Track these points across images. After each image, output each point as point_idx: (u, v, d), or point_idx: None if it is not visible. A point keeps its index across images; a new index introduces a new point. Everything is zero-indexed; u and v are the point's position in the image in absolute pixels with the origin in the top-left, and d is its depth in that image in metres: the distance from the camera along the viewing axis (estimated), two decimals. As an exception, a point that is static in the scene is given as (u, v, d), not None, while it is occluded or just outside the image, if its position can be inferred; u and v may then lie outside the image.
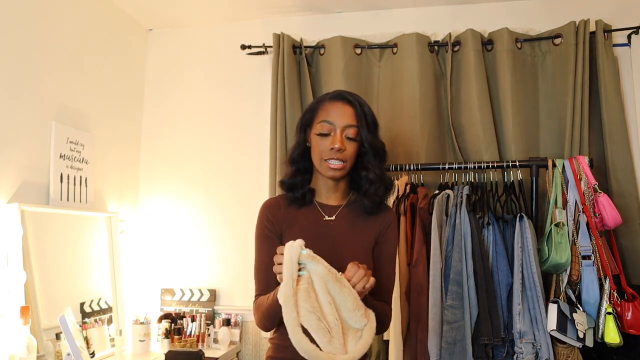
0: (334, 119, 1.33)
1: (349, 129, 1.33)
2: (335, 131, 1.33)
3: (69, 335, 1.73)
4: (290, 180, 1.41)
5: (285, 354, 1.34)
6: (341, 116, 1.34)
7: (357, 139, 1.35)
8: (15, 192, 1.93)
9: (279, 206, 1.43)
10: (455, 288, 1.92)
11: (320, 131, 1.34)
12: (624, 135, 2.25)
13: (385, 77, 2.56)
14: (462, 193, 2.06)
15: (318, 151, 1.34)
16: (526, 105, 2.40)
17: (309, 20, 2.72)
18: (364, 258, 1.39)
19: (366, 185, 1.38)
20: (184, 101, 2.83)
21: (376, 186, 1.37)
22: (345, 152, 1.32)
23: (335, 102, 1.36)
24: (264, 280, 1.37)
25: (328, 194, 1.42)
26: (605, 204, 1.97)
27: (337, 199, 1.43)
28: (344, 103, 1.36)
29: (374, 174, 1.36)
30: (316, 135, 1.35)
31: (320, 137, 1.34)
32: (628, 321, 1.88)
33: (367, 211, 1.40)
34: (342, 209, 1.42)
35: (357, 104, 1.36)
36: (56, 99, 2.18)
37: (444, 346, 1.88)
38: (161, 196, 2.80)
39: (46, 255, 2.02)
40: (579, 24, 2.31)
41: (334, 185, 1.41)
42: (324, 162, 1.33)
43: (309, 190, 1.41)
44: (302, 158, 1.41)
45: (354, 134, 1.34)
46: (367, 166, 1.37)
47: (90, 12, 2.41)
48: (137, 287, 2.63)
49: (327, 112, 1.35)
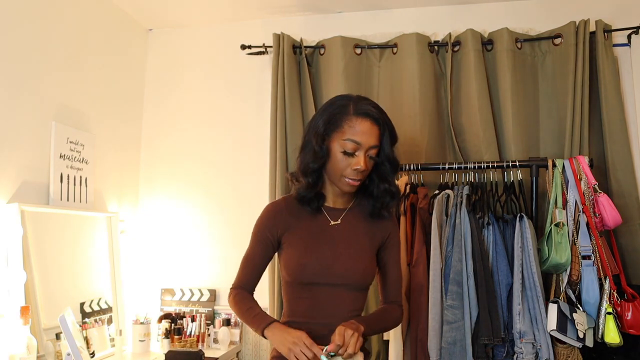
0: (360, 139, 1.32)
1: (372, 150, 1.35)
2: (360, 152, 1.33)
3: (69, 335, 1.73)
4: (306, 194, 1.41)
5: None
6: (368, 137, 1.33)
7: (378, 158, 1.38)
8: (15, 192, 1.93)
9: (281, 211, 1.45)
10: (455, 288, 1.91)
11: (345, 149, 1.33)
12: (624, 135, 2.25)
13: (385, 77, 2.56)
14: (462, 193, 2.06)
15: (339, 167, 1.34)
16: (526, 105, 2.40)
17: (309, 20, 2.72)
18: (368, 261, 1.43)
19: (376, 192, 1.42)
20: (184, 101, 2.83)
21: (386, 195, 1.42)
22: (365, 171, 1.36)
23: (363, 120, 1.34)
24: (247, 273, 1.49)
25: (335, 199, 1.46)
26: (605, 204, 1.97)
27: (344, 202, 1.46)
28: (372, 123, 1.34)
29: (387, 184, 1.41)
30: (340, 152, 1.34)
31: (344, 154, 1.33)
32: (628, 321, 1.88)
33: (372, 215, 1.45)
34: (347, 212, 1.45)
35: (383, 123, 1.37)
36: (56, 99, 2.18)
37: (444, 346, 1.88)
38: (161, 196, 2.80)
39: (46, 255, 2.02)
40: (579, 24, 2.31)
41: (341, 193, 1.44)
42: (343, 179, 1.35)
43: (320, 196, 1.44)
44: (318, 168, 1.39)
45: (375, 153, 1.36)
46: (386, 178, 1.41)
47: (90, 12, 2.41)
48: (137, 287, 2.63)
49: (354, 131, 1.32)
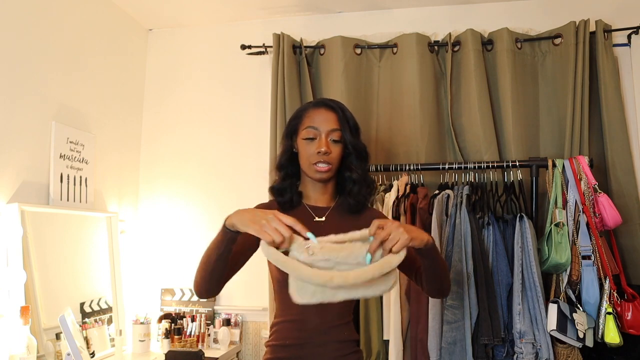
0: (318, 124, 1.40)
1: (333, 133, 1.40)
2: (321, 136, 1.39)
3: (69, 335, 1.73)
4: (279, 185, 1.47)
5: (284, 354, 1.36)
6: (325, 121, 1.41)
7: (341, 141, 1.41)
8: (15, 192, 1.93)
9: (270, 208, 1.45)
10: (455, 288, 1.91)
11: (307, 136, 1.40)
12: (624, 135, 2.25)
13: (385, 77, 2.56)
14: (462, 193, 2.06)
15: (306, 156, 1.40)
16: (526, 105, 2.40)
17: (309, 20, 2.72)
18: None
19: (349, 185, 1.45)
20: (184, 101, 2.83)
21: (359, 186, 1.44)
22: (331, 155, 1.39)
23: (318, 109, 1.44)
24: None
25: (317, 197, 1.47)
26: (605, 204, 1.97)
27: (326, 201, 1.48)
28: (327, 109, 1.43)
29: (357, 174, 1.43)
30: (303, 141, 1.41)
31: (307, 141, 1.40)
32: (628, 321, 1.88)
33: (351, 211, 1.45)
34: (331, 210, 1.46)
35: (339, 109, 1.44)
36: (56, 99, 2.18)
37: (444, 346, 1.88)
38: (161, 196, 2.80)
39: (46, 255, 2.02)
40: (579, 24, 2.31)
41: (322, 188, 1.46)
42: (312, 166, 1.39)
43: (296, 193, 1.46)
44: (289, 164, 1.47)
45: (338, 136, 1.40)
46: (350, 167, 1.44)
47: (90, 12, 2.41)
48: (137, 287, 2.63)
49: (312, 119, 1.42)
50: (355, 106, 2.51)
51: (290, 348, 1.35)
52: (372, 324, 1.97)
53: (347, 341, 1.39)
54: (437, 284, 1.40)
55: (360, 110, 2.53)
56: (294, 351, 1.35)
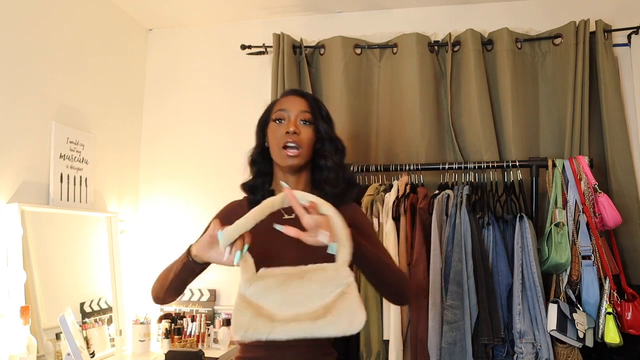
0: (288, 107, 1.36)
1: (303, 114, 1.35)
2: (290, 117, 1.35)
3: (69, 335, 1.73)
4: (251, 182, 1.42)
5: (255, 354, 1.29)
6: (295, 105, 1.37)
7: (312, 122, 1.36)
8: (15, 192, 1.93)
9: (242, 205, 1.42)
10: (455, 288, 1.91)
11: (276, 118, 1.36)
12: (624, 135, 2.25)
13: (385, 77, 2.56)
14: (462, 193, 2.06)
15: (275, 140, 1.35)
16: (526, 105, 2.40)
17: (309, 20, 2.72)
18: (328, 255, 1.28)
19: (325, 173, 1.37)
20: (184, 101, 2.83)
21: (335, 173, 1.36)
22: (300, 135, 1.33)
23: (288, 95, 1.41)
24: None
25: None
26: (605, 204, 1.97)
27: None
28: (297, 96, 1.40)
29: (332, 162, 1.36)
30: (272, 124, 1.37)
31: (276, 124, 1.36)
32: (628, 321, 1.88)
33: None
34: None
35: (311, 97, 1.41)
36: (56, 99, 2.18)
37: (444, 346, 1.88)
38: (161, 196, 2.80)
39: (46, 255, 2.02)
40: (579, 24, 2.31)
41: (295, 182, 1.38)
42: (281, 151, 1.33)
43: (269, 192, 1.40)
44: (262, 159, 1.42)
45: (308, 118, 1.35)
46: (324, 154, 1.37)
47: (90, 12, 2.41)
48: (137, 287, 2.63)
49: (282, 103, 1.39)
50: (355, 106, 2.51)
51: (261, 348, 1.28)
52: (372, 324, 1.97)
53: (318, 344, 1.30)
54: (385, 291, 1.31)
55: (360, 110, 2.53)
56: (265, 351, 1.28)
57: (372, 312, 1.98)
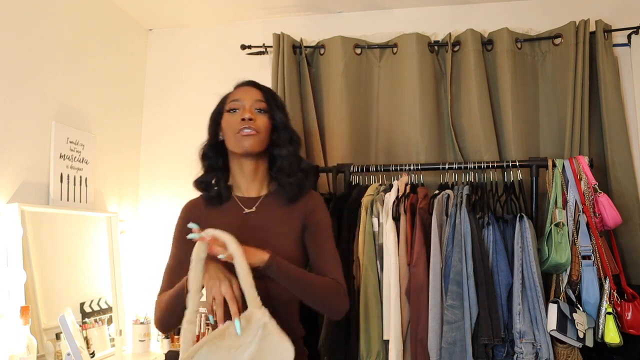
0: (242, 97, 1.35)
1: (258, 103, 1.35)
2: (245, 106, 1.34)
3: (69, 335, 1.73)
4: (203, 179, 1.41)
5: None
6: (249, 95, 1.36)
7: (267, 111, 1.35)
8: (15, 192, 1.93)
9: (199, 207, 1.42)
10: (455, 288, 1.91)
11: (230, 108, 1.35)
12: (624, 135, 2.25)
13: (385, 77, 2.56)
14: (462, 193, 2.06)
15: (230, 128, 1.33)
16: (526, 105, 2.40)
17: (309, 20, 2.72)
18: (291, 247, 1.33)
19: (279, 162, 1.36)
20: (184, 101, 2.83)
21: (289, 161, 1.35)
22: (256, 122, 1.32)
23: (242, 86, 1.40)
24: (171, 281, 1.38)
25: (247, 185, 1.38)
26: (605, 204, 1.96)
27: (257, 189, 1.39)
28: (251, 87, 1.39)
29: (287, 151, 1.35)
30: (226, 114, 1.35)
31: (230, 113, 1.35)
32: (628, 321, 1.88)
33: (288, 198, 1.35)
34: (262, 199, 1.37)
35: (265, 88, 1.40)
36: (56, 99, 2.18)
37: (444, 346, 1.88)
38: (161, 196, 2.80)
39: (46, 255, 2.02)
40: (579, 24, 2.31)
41: (252, 172, 1.37)
42: (236, 136, 1.31)
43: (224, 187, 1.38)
44: (214, 153, 1.41)
45: (263, 107, 1.35)
46: (279, 143, 1.36)
47: (90, 12, 2.41)
48: (137, 287, 2.63)
49: (235, 94, 1.38)
50: (355, 106, 2.51)
51: None
52: (372, 324, 1.97)
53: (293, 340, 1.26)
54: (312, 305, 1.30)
55: (360, 110, 2.53)
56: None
57: (372, 312, 1.98)
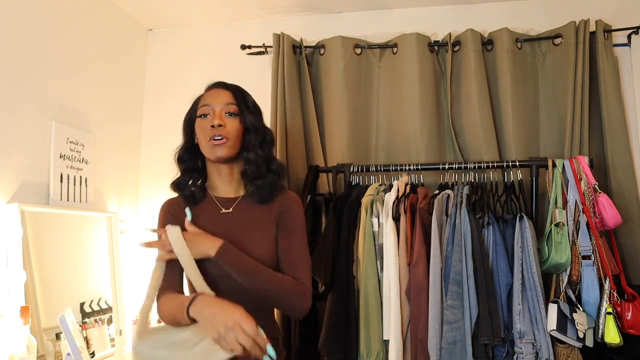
0: (212, 101, 1.36)
1: (228, 106, 1.35)
2: (214, 111, 1.34)
3: (69, 335, 1.73)
4: (178, 180, 1.44)
5: None
6: (219, 98, 1.36)
7: (238, 114, 1.35)
8: (15, 192, 1.93)
9: (177, 203, 1.44)
10: (455, 288, 1.91)
11: (201, 113, 1.35)
12: (624, 135, 2.25)
13: (385, 77, 2.56)
14: (462, 193, 2.06)
15: (202, 135, 1.34)
16: (526, 105, 2.40)
17: (309, 20, 2.72)
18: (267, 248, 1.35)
19: (246, 166, 1.37)
20: (184, 101, 2.80)
21: (257, 166, 1.35)
22: (226, 128, 1.32)
23: (212, 89, 1.40)
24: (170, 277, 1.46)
25: (224, 187, 1.40)
26: (605, 204, 1.97)
27: (234, 190, 1.40)
28: (221, 88, 1.39)
29: (255, 154, 1.35)
30: (198, 120, 1.36)
31: (201, 119, 1.35)
32: (628, 321, 1.88)
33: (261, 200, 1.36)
34: (239, 200, 1.39)
35: (235, 88, 1.40)
36: (56, 99, 2.18)
37: (444, 346, 1.88)
38: (161, 196, 2.77)
39: (46, 255, 2.02)
40: (579, 24, 2.31)
41: (228, 175, 1.39)
42: (208, 144, 1.33)
43: (198, 187, 1.41)
44: (190, 157, 1.43)
45: (234, 110, 1.35)
46: (249, 146, 1.36)
47: (90, 12, 2.41)
48: (137, 287, 2.63)
49: (206, 98, 1.38)
50: (355, 106, 2.51)
51: None
52: (372, 323, 1.97)
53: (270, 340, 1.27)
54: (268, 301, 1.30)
55: (360, 110, 2.53)
56: None
57: (372, 312, 1.98)
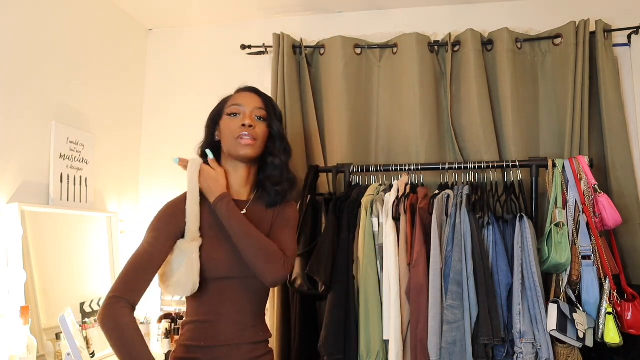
0: (243, 102, 1.38)
1: (258, 110, 1.38)
2: (245, 112, 1.37)
3: (69, 335, 1.73)
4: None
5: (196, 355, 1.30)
6: (251, 101, 1.39)
7: (267, 120, 1.38)
8: (15, 192, 1.93)
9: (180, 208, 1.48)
10: (455, 288, 1.91)
11: (231, 112, 1.38)
12: (624, 135, 2.25)
13: (385, 77, 2.55)
14: (462, 193, 2.06)
15: (229, 132, 1.36)
16: (526, 105, 2.40)
17: (309, 20, 2.72)
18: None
19: (270, 171, 1.40)
20: (184, 101, 2.83)
21: (281, 172, 1.39)
22: (255, 129, 1.35)
23: (244, 92, 1.43)
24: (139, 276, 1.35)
25: (238, 188, 1.42)
26: (605, 204, 1.96)
27: (247, 193, 1.44)
28: (253, 93, 1.42)
29: (280, 160, 1.39)
30: (227, 116, 1.38)
31: (230, 117, 1.38)
32: (628, 321, 1.88)
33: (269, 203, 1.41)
34: (250, 203, 1.42)
35: (265, 96, 1.43)
36: (56, 99, 2.18)
37: (444, 346, 1.88)
38: (161, 196, 2.79)
39: (46, 255, 2.02)
40: (579, 24, 2.31)
41: (245, 177, 1.41)
42: (236, 141, 1.35)
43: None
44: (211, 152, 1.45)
45: (263, 115, 1.38)
46: (274, 152, 1.40)
47: (90, 12, 2.41)
48: (137, 287, 2.63)
49: (237, 99, 1.40)
50: (355, 106, 2.51)
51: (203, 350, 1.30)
52: (372, 323, 1.97)
53: (261, 342, 1.35)
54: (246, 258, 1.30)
55: (360, 110, 2.53)
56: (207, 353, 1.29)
57: (372, 312, 1.98)
